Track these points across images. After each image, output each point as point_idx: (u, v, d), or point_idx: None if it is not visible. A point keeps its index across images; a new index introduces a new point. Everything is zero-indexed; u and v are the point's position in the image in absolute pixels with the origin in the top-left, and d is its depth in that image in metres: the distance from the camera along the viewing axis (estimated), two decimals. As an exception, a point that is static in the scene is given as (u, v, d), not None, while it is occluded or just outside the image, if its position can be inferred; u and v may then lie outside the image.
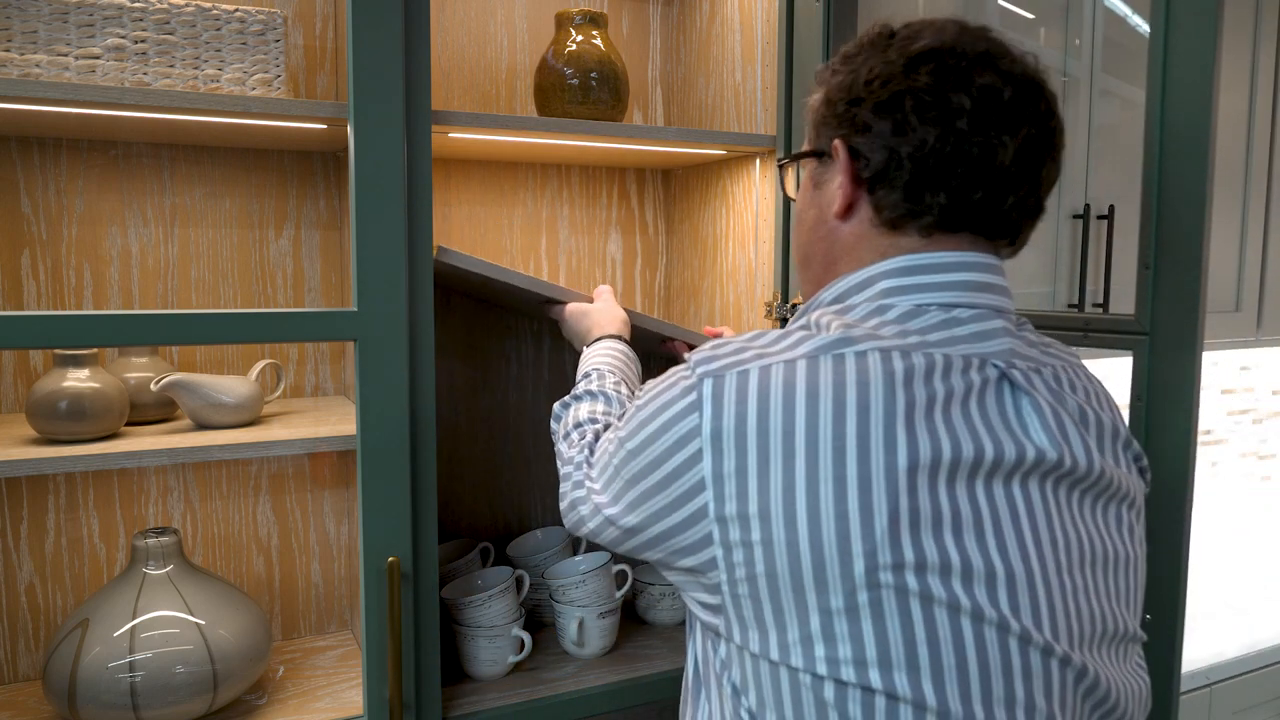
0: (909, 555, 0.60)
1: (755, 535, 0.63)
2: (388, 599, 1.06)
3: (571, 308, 1.21)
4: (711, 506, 0.66)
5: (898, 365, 0.64)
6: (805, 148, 0.80)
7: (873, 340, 0.66)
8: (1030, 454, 0.65)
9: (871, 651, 0.60)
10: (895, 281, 0.71)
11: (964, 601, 0.61)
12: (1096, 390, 0.75)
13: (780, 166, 0.89)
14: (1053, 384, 0.71)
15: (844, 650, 0.61)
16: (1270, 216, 1.95)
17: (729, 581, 0.66)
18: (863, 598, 0.60)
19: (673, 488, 0.69)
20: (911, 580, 0.60)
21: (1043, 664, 0.62)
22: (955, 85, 0.68)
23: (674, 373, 0.72)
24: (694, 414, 0.67)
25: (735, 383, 0.66)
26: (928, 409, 0.63)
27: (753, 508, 0.63)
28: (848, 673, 0.61)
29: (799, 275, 0.84)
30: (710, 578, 0.67)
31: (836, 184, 0.74)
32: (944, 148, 0.67)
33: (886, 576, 0.60)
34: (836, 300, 0.74)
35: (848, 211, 0.74)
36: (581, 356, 1.13)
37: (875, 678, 0.60)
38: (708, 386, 0.67)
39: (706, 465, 0.66)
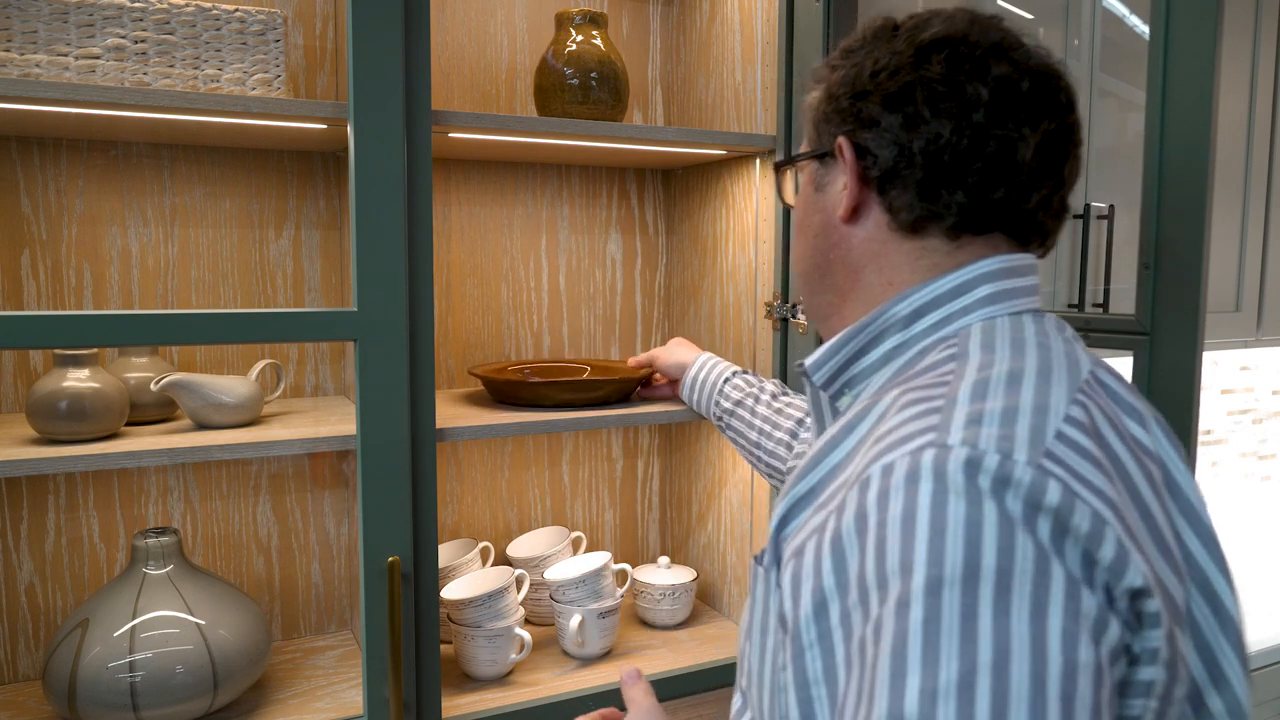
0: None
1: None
2: (388, 599, 1.06)
3: None
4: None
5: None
6: (804, 149, 0.75)
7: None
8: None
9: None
10: (998, 285, 0.65)
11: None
12: None
13: (777, 170, 0.83)
14: None
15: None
16: (1270, 216, 1.95)
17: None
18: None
19: None
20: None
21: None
22: (970, 75, 0.63)
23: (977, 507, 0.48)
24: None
25: (1069, 448, 0.52)
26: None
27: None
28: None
29: (809, 286, 0.77)
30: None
31: (840, 185, 0.70)
32: (959, 142, 0.63)
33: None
34: (916, 315, 0.66)
35: (854, 214, 0.69)
36: None
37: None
38: (1061, 469, 0.50)
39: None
